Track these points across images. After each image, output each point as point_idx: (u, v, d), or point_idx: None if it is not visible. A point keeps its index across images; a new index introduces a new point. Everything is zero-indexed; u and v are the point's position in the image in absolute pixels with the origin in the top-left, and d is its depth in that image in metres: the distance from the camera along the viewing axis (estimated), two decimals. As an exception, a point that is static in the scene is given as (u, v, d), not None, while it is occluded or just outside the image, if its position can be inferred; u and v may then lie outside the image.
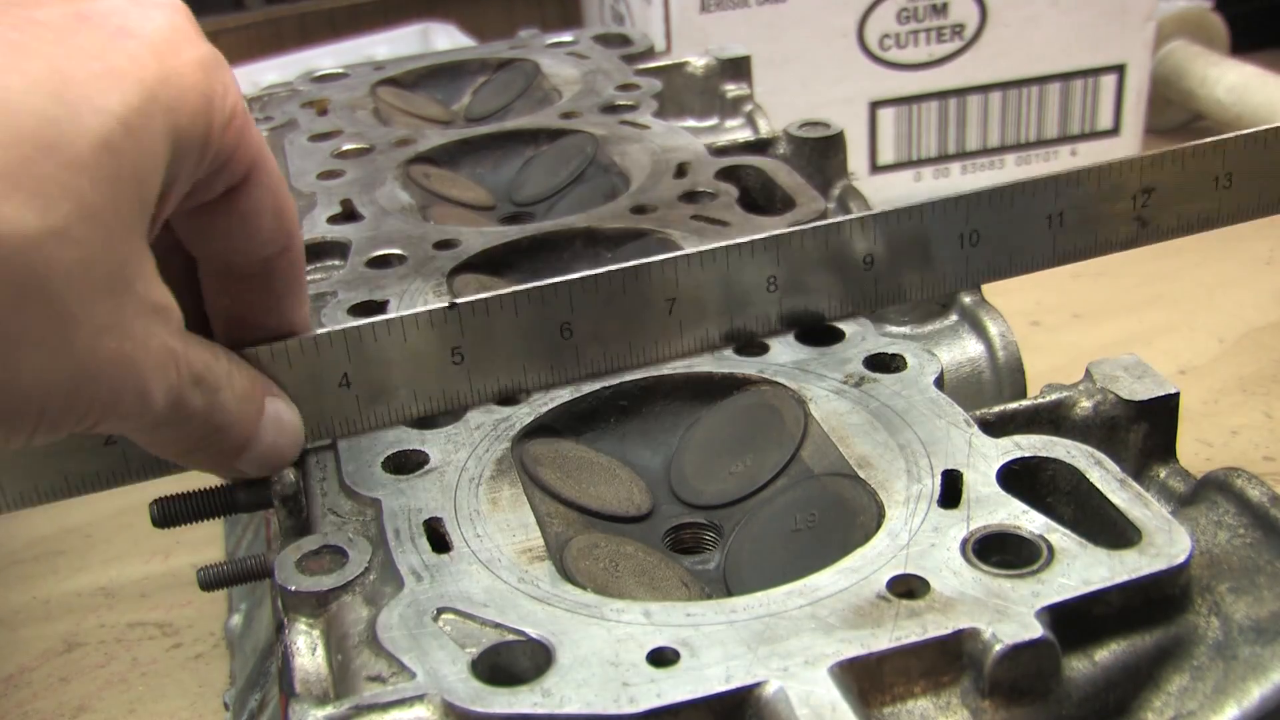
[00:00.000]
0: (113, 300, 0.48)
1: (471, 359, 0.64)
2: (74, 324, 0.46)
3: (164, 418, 0.52)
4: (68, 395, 0.47)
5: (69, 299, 0.46)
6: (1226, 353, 1.29)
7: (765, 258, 0.68)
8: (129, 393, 0.50)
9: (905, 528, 0.53)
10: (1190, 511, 0.56)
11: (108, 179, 0.46)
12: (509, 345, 0.65)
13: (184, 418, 0.54)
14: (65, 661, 1.04)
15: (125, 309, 0.48)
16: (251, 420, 0.59)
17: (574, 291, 0.65)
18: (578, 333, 0.66)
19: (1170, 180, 0.72)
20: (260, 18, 2.00)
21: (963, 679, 0.47)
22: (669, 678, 0.46)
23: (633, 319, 0.67)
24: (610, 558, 0.57)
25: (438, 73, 1.18)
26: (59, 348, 0.46)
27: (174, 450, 0.58)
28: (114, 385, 0.49)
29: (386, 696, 0.46)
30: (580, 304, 0.66)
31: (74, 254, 0.45)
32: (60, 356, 0.46)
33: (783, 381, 0.65)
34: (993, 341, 0.80)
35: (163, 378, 0.51)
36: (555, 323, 0.65)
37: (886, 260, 0.70)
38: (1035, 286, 1.42)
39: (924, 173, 1.63)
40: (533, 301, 0.65)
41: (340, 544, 0.56)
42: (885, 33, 1.53)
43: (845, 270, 0.69)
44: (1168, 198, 0.73)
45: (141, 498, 0.67)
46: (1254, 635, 0.51)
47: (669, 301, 0.67)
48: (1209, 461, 1.09)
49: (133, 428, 0.53)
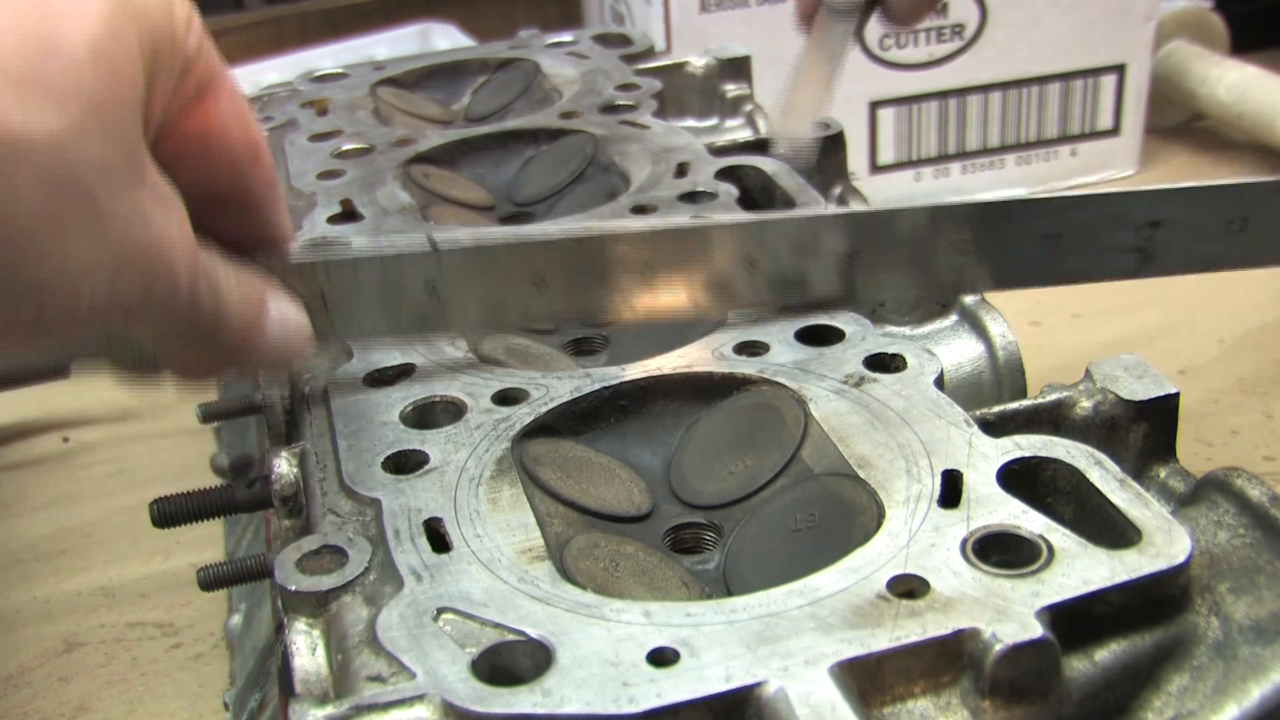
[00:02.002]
0: (133, 191, 0.51)
1: (448, 296, 0.67)
2: (106, 214, 0.49)
3: (184, 308, 0.55)
4: (110, 284, 0.50)
5: (98, 191, 0.49)
6: (1226, 353, 1.29)
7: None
8: (160, 279, 0.52)
9: (905, 528, 0.53)
10: (1190, 511, 0.56)
11: (105, 77, 0.50)
12: (482, 288, 0.68)
13: (198, 307, 0.56)
14: (65, 661, 1.04)
15: (145, 199, 0.51)
16: (254, 313, 0.60)
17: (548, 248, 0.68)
18: (551, 283, 0.69)
19: (1179, 216, 0.70)
20: (260, 18, 2.01)
21: (963, 679, 0.47)
22: (669, 678, 0.46)
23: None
24: (610, 558, 0.57)
25: (438, 73, 1.18)
26: (97, 237, 0.49)
27: (182, 344, 0.59)
28: (147, 271, 0.52)
29: (386, 696, 0.46)
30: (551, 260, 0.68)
31: (94, 148, 0.49)
32: (99, 245, 0.49)
33: (783, 381, 0.65)
34: (993, 341, 0.80)
35: (185, 263, 0.54)
36: (527, 272, 0.68)
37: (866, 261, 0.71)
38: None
39: (924, 173, 1.63)
40: (508, 252, 0.68)
41: (340, 544, 0.56)
42: (885, 32, 1.53)
43: (823, 261, 0.71)
44: (1175, 233, 0.70)
45: (141, 498, 0.67)
46: (1254, 635, 0.51)
47: (644, 264, 0.70)
48: (1209, 461, 1.09)
49: (156, 319, 0.55)
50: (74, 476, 1.31)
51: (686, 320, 0.72)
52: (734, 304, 0.71)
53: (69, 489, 1.29)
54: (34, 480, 1.31)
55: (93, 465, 1.32)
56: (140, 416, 1.41)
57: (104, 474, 1.31)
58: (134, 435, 1.37)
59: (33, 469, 1.33)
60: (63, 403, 1.41)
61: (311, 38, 1.92)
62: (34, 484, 1.30)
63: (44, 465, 1.34)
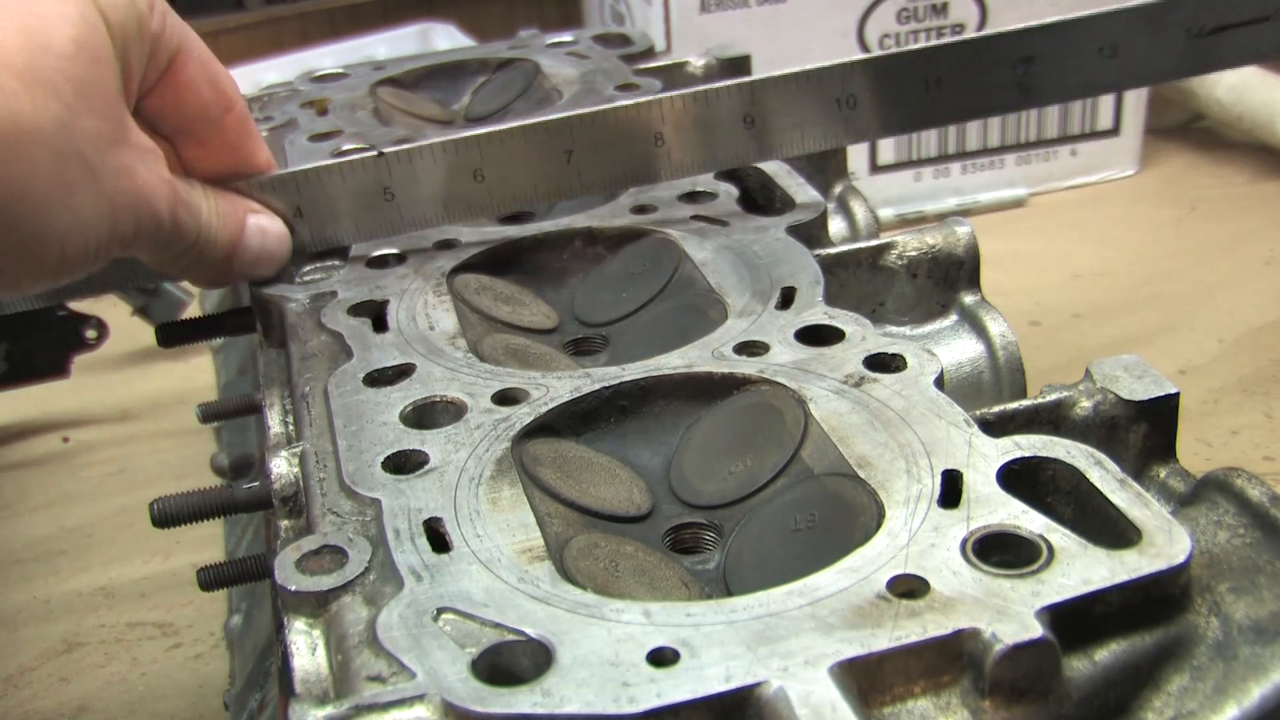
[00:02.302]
0: (120, 151, 0.64)
1: (401, 198, 0.81)
2: (101, 171, 0.63)
3: (169, 235, 0.70)
4: (110, 227, 0.64)
5: (92, 156, 0.62)
6: (1226, 353, 1.29)
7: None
8: (147, 218, 0.67)
9: (905, 528, 0.53)
10: (1190, 511, 0.56)
11: (88, 63, 0.62)
12: (430, 187, 0.81)
13: (181, 233, 0.71)
14: (65, 661, 1.04)
15: (129, 154, 0.65)
16: (235, 231, 0.76)
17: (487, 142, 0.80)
18: (489, 177, 0.81)
19: (1051, 48, 0.76)
20: (260, 18, 2.01)
21: (963, 679, 0.47)
22: (669, 678, 0.46)
23: (535, 167, 0.81)
24: (610, 558, 0.57)
25: (438, 73, 1.18)
26: (97, 193, 0.63)
27: (178, 264, 0.74)
28: (137, 213, 0.66)
29: (386, 696, 0.46)
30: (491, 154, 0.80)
31: (87, 123, 0.62)
32: (98, 198, 0.63)
33: (783, 381, 0.65)
34: (993, 341, 0.80)
35: (166, 201, 0.68)
36: (469, 169, 0.80)
37: (767, 123, 0.80)
38: (1035, 286, 1.43)
39: (924, 173, 1.63)
40: (447, 151, 0.80)
41: (340, 544, 0.55)
42: (885, 32, 1.53)
43: (729, 130, 0.81)
44: (1050, 66, 0.76)
45: (142, 498, 0.68)
46: (1254, 635, 0.51)
47: (567, 153, 0.81)
48: (1209, 461, 1.09)
49: (149, 247, 0.70)
50: (74, 476, 1.31)
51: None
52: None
53: (69, 489, 1.29)
54: (34, 480, 1.31)
55: (93, 465, 1.33)
56: (140, 416, 1.41)
57: (104, 474, 1.31)
58: (134, 435, 1.37)
59: (33, 469, 1.33)
60: (63, 403, 1.41)
61: (311, 38, 1.92)
62: (34, 484, 1.30)
63: (44, 465, 1.34)
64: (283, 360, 0.77)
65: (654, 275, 0.80)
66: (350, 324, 0.74)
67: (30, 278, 0.64)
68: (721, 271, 0.77)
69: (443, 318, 0.75)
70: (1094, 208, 1.63)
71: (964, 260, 0.82)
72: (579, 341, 0.79)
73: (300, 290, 0.79)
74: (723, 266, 0.77)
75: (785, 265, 0.76)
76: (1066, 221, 1.60)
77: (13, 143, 0.59)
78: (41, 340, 1.28)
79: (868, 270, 0.81)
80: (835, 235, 0.94)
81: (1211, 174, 1.69)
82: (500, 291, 0.81)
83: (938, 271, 0.81)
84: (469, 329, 0.74)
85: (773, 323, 0.70)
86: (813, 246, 0.79)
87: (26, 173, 0.59)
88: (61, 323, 1.28)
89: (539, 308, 0.82)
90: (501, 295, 0.81)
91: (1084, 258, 1.50)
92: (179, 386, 1.44)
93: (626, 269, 0.83)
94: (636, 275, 0.82)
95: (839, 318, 0.70)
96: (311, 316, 0.76)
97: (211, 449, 1.23)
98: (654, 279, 0.80)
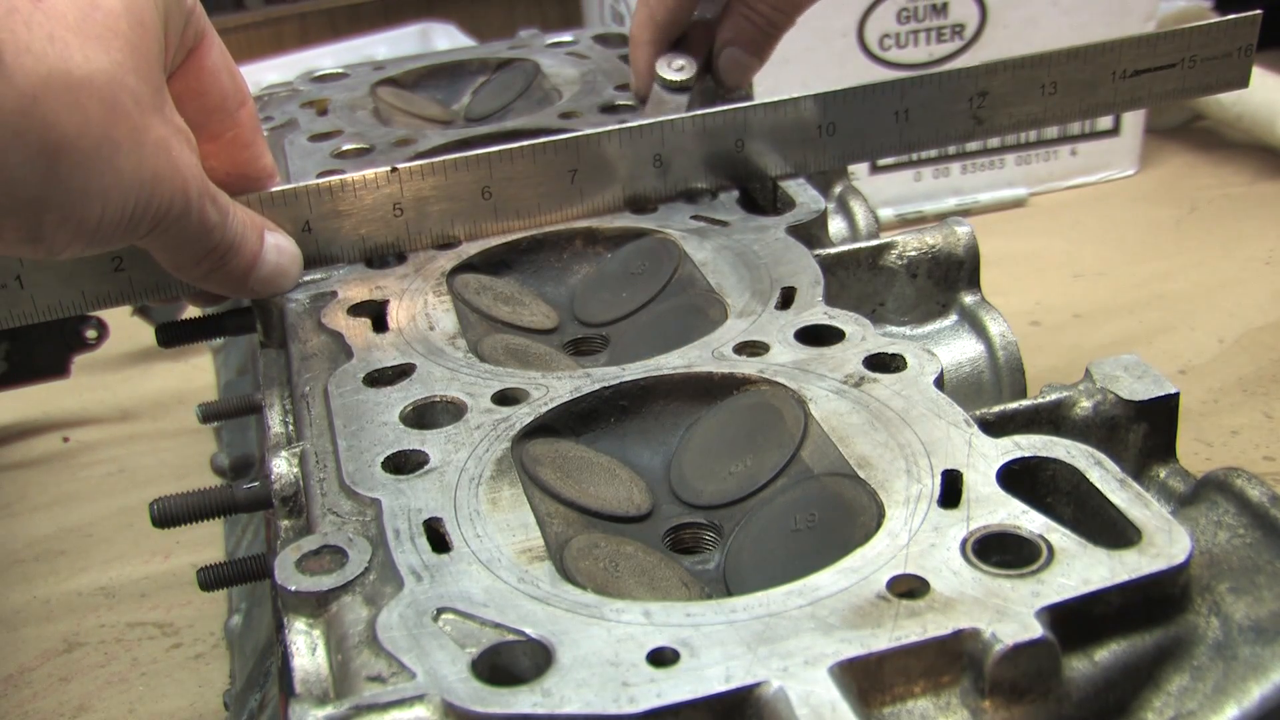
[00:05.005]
0: (161, 121, 0.64)
1: (410, 214, 0.81)
2: (144, 135, 0.62)
3: (196, 229, 0.68)
4: (149, 196, 0.63)
5: (136, 115, 0.61)
6: (1226, 353, 1.29)
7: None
8: (178, 197, 0.65)
9: (905, 528, 0.53)
10: (1190, 511, 0.56)
11: (134, 25, 0.62)
12: (439, 203, 0.82)
13: (208, 229, 0.69)
14: (65, 661, 1.04)
15: (166, 128, 0.64)
16: (255, 244, 0.74)
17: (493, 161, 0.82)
18: (496, 194, 0.82)
19: (1002, 86, 0.85)
20: (260, 18, 2.01)
21: (963, 679, 0.47)
22: (669, 678, 0.46)
23: (541, 184, 0.83)
24: (610, 558, 0.57)
25: (438, 73, 1.18)
26: (139, 155, 0.62)
27: (200, 268, 0.71)
28: (171, 190, 0.64)
29: (386, 696, 0.46)
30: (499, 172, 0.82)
31: (133, 82, 0.61)
32: (140, 163, 0.62)
33: (783, 381, 0.65)
34: (993, 341, 0.80)
35: (196, 187, 0.66)
36: (478, 186, 0.82)
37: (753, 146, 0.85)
38: (1035, 286, 1.43)
39: (924, 173, 1.63)
40: (459, 168, 0.81)
41: (340, 544, 0.56)
42: (885, 32, 1.53)
43: (722, 152, 0.85)
44: (1000, 100, 0.86)
45: (142, 498, 0.67)
46: (1254, 635, 0.51)
47: (571, 172, 0.83)
48: (1209, 461, 1.09)
49: (175, 238, 0.67)
50: (74, 476, 1.31)
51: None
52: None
53: (69, 489, 1.29)
54: (34, 480, 1.31)
55: (93, 465, 1.33)
56: (140, 416, 1.41)
57: (104, 474, 1.31)
58: (134, 435, 1.37)
59: (33, 469, 1.33)
60: (63, 403, 1.41)
61: (311, 38, 1.93)
62: (34, 484, 1.30)
63: (44, 465, 1.34)
64: (283, 360, 0.77)
65: (654, 275, 0.81)
66: (350, 324, 0.74)
67: (66, 237, 0.61)
68: (721, 271, 0.77)
69: (443, 318, 0.75)
70: (1094, 208, 1.63)
71: (964, 260, 0.82)
72: (579, 341, 0.79)
73: (300, 290, 0.79)
74: (723, 266, 0.77)
75: (785, 265, 0.76)
76: (1066, 221, 1.60)
77: (65, 89, 0.58)
78: (41, 340, 1.28)
79: (868, 270, 0.81)
80: (835, 235, 0.94)
81: (1211, 174, 1.69)
82: (500, 291, 0.81)
83: (938, 271, 0.81)
84: (469, 329, 0.75)
85: (773, 323, 0.70)
86: (813, 246, 0.79)
87: (78, 122, 0.58)
88: (61, 323, 1.27)
89: (539, 308, 0.82)
90: (501, 295, 0.81)
91: (1084, 258, 1.50)
92: (179, 386, 1.44)
93: (626, 269, 0.83)
94: (636, 275, 0.82)
95: (839, 318, 0.70)
96: (311, 316, 0.76)
97: (211, 449, 1.23)
98: (654, 279, 0.80)
